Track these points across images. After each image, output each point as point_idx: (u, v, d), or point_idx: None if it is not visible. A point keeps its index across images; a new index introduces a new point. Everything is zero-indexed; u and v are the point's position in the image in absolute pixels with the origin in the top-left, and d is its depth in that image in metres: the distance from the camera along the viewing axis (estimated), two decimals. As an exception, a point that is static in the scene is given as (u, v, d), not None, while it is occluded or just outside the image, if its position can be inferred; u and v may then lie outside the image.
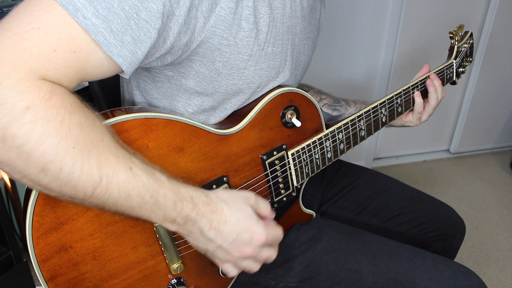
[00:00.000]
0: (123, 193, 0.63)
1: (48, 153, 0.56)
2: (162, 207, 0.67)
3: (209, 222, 0.71)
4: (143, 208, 0.66)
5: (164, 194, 0.67)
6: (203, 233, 0.71)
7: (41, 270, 0.68)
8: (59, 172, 0.57)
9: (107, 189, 0.61)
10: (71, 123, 0.57)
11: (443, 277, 0.94)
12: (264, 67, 0.84)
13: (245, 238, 0.73)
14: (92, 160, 0.59)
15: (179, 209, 0.68)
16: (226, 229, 0.72)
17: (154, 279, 0.80)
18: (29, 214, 0.65)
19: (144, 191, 0.64)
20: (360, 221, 1.19)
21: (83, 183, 0.59)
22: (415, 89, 1.11)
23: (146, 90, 0.84)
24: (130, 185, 0.63)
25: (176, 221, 0.69)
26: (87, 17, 0.58)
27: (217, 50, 0.75)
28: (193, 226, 0.71)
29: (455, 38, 1.22)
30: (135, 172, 0.64)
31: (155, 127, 0.74)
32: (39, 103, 0.55)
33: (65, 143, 0.57)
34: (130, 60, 0.64)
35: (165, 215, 0.68)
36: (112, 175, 0.61)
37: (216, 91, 0.82)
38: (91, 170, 0.59)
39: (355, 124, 1.00)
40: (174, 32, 0.67)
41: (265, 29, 0.80)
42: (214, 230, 0.71)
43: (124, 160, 0.63)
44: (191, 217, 0.69)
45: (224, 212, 0.72)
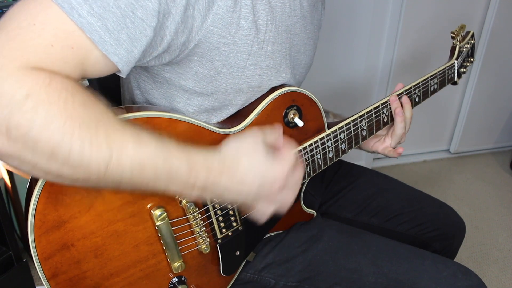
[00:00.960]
0: (135, 164, 0.61)
1: (55, 135, 0.55)
2: (177, 177, 0.66)
3: (230, 178, 0.71)
4: (158, 180, 0.65)
5: (177, 159, 0.66)
6: (227, 188, 0.71)
7: (43, 268, 0.68)
8: (69, 153, 0.56)
9: (119, 163, 0.60)
10: (75, 102, 0.57)
11: (443, 277, 0.94)
12: (264, 66, 0.84)
13: (269, 179, 0.74)
14: (100, 135, 0.58)
15: (194, 174, 0.67)
16: (248, 178, 0.72)
17: (155, 277, 0.80)
18: (31, 212, 0.65)
19: (155, 158, 0.63)
20: (360, 221, 1.19)
21: (95, 162, 0.58)
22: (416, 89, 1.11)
23: (146, 90, 0.84)
24: (142, 154, 0.62)
25: (195, 186, 0.68)
26: (82, 15, 0.58)
27: (216, 49, 0.75)
28: (214, 188, 0.70)
29: (457, 38, 1.21)
30: (144, 140, 0.63)
31: (158, 127, 0.74)
32: (39, 89, 0.54)
33: (70, 122, 0.55)
34: (126, 59, 0.64)
35: (183, 183, 0.67)
36: (122, 148, 0.60)
37: (216, 91, 0.82)
38: (100, 146, 0.58)
39: (356, 124, 1.00)
40: (171, 30, 0.67)
41: (264, 27, 0.80)
42: (237, 183, 0.72)
43: (131, 131, 0.62)
44: (209, 181, 0.69)
45: (241, 164, 0.72)
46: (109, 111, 0.62)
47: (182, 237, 0.81)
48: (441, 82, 1.18)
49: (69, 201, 0.67)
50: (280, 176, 0.75)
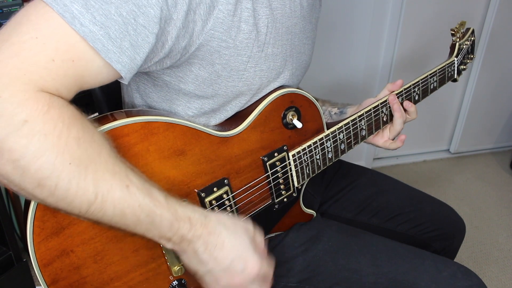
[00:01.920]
0: (118, 211, 0.62)
1: (44, 169, 0.55)
2: (158, 226, 0.66)
3: (204, 244, 0.70)
4: (138, 226, 0.65)
5: (161, 214, 0.66)
6: (197, 254, 0.70)
7: (43, 274, 0.68)
8: (55, 188, 0.57)
9: (102, 207, 0.61)
10: (69, 137, 0.57)
11: (443, 277, 0.94)
12: (264, 68, 0.83)
13: (238, 267, 0.72)
14: (89, 177, 0.59)
15: (175, 229, 0.67)
16: (221, 254, 0.71)
17: (156, 281, 0.80)
18: (29, 219, 0.65)
19: (139, 210, 0.64)
20: (360, 221, 1.19)
21: (78, 200, 0.59)
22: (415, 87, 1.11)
23: (146, 94, 0.84)
24: (126, 204, 0.62)
25: (171, 240, 0.69)
26: (84, 24, 0.58)
27: (216, 52, 0.75)
28: (188, 246, 0.70)
29: (457, 35, 1.21)
30: (132, 191, 0.63)
31: (156, 131, 0.74)
32: (37, 116, 0.55)
33: (61, 158, 0.56)
34: (129, 66, 0.64)
35: (161, 234, 0.68)
36: (108, 193, 0.60)
37: (216, 94, 0.82)
38: (87, 187, 0.59)
39: (356, 124, 1.00)
40: (172, 36, 0.67)
41: (264, 30, 0.80)
42: (208, 253, 0.70)
43: (120, 177, 0.62)
44: (187, 237, 0.69)
45: (222, 236, 0.71)
46: (104, 147, 0.62)
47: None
48: (441, 80, 1.18)
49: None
50: (252, 269, 0.73)
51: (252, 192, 0.89)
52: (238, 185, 0.86)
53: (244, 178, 0.87)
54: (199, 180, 0.80)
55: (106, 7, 0.59)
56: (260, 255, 0.75)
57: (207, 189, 0.82)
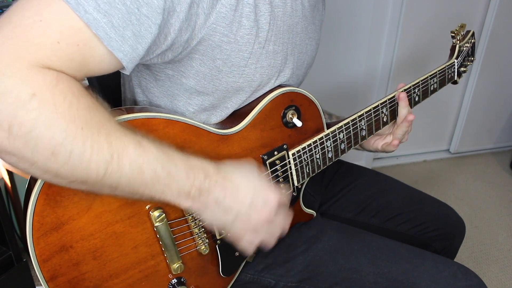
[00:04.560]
0: (135, 167, 0.62)
1: (57, 136, 0.55)
2: (176, 178, 0.67)
3: (223, 190, 0.72)
4: (157, 183, 0.66)
5: (176, 164, 0.67)
6: (219, 202, 0.72)
7: (42, 270, 0.68)
8: (70, 154, 0.57)
9: (119, 166, 0.61)
10: (79, 106, 0.57)
11: (443, 277, 0.94)
12: (265, 65, 0.84)
13: (260, 201, 0.75)
14: (102, 138, 0.59)
15: (192, 179, 0.68)
16: (241, 194, 0.73)
17: (155, 279, 0.80)
18: (29, 214, 0.65)
19: (155, 163, 0.65)
20: (360, 221, 1.19)
21: (95, 163, 0.59)
22: (416, 88, 1.11)
23: (147, 89, 0.84)
24: (141, 159, 0.63)
25: (190, 194, 0.69)
26: (88, 11, 0.58)
27: (218, 47, 0.75)
28: (208, 197, 0.71)
29: (457, 38, 1.21)
30: (144, 146, 0.64)
31: (156, 127, 0.74)
32: (45, 89, 0.55)
33: (74, 124, 0.56)
34: (131, 56, 0.64)
35: (179, 189, 0.68)
36: (122, 151, 0.61)
37: (217, 89, 0.82)
38: (101, 148, 0.59)
39: (356, 124, 1.00)
40: (175, 28, 0.67)
41: (266, 27, 0.80)
42: (229, 198, 0.72)
43: (132, 136, 0.63)
44: (205, 186, 0.70)
45: (236, 178, 0.74)
46: (112, 116, 0.63)
47: (181, 238, 0.81)
48: (441, 81, 1.18)
49: (68, 202, 0.67)
50: (272, 199, 0.76)
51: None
52: (238, 183, 0.86)
53: (244, 176, 0.87)
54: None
55: None
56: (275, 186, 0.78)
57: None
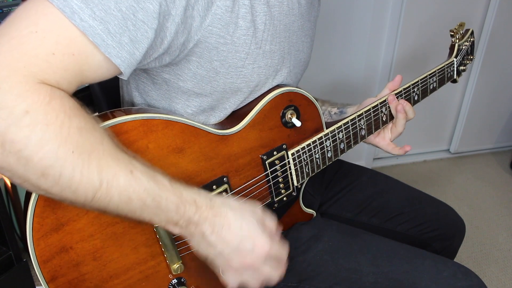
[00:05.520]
0: (124, 196, 0.62)
1: (47, 158, 0.56)
2: (164, 210, 0.66)
3: (211, 226, 0.70)
4: (145, 211, 0.65)
5: (166, 198, 0.66)
6: (205, 237, 0.70)
7: (42, 271, 0.68)
8: (59, 177, 0.57)
9: (107, 193, 0.61)
10: (71, 127, 0.57)
11: (443, 277, 0.94)
12: (262, 65, 0.84)
13: (247, 247, 0.72)
14: (92, 164, 0.59)
15: (181, 212, 0.68)
16: (228, 235, 0.71)
17: (155, 279, 0.80)
18: (29, 215, 0.65)
19: (145, 194, 0.64)
20: (360, 221, 1.19)
21: (83, 188, 0.59)
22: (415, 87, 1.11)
23: (145, 92, 0.85)
24: (131, 189, 0.62)
25: (178, 224, 0.69)
26: (84, 19, 0.58)
27: (215, 49, 0.75)
28: (196, 229, 0.70)
29: (456, 36, 1.21)
30: (136, 176, 0.63)
31: (155, 128, 0.74)
32: (38, 107, 0.55)
33: (64, 147, 0.56)
34: (128, 61, 0.64)
35: (168, 218, 0.68)
36: (113, 179, 0.61)
37: (215, 91, 0.82)
38: (91, 175, 0.59)
39: (355, 123, 1.00)
40: (171, 32, 0.67)
41: (262, 27, 0.80)
42: (216, 235, 0.70)
43: (124, 163, 0.63)
44: (194, 220, 0.69)
45: (228, 217, 0.71)
46: (105, 136, 0.63)
47: (180, 238, 0.81)
48: (440, 80, 1.18)
49: (67, 204, 0.67)
50: (261, 249, 0.73)
51: (251, 191, 0.89)
52: (237, 183, 0.87)
53: (243, 177, 0.87)
54: (198, 178, 0.81)
55: (106, 2, 0.59)
56: (270, 236, 0.74)
57: (206, 187, 0.82)
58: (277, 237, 0.77)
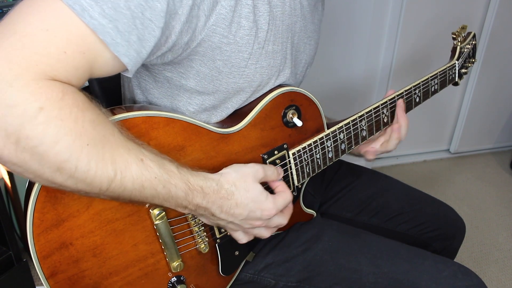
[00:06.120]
0: (137, 185, 0.64)
1: (63, 152, 0.56)
2: (175, 197, 0.69)
3: (220, 207, 0.75)
4: (156, 198, 0.68)
5: (175, 185, 0.69)
6: (215, 215, 0.76)
7: (42, 267, 0.68)
8: (75, 170, 0.58)
9: (121, 183, 0.63)
10: (85, 120, 0.58)
11: (443, 277, 0.94)
12: (264, 65, 0.84)
13: (255, 215, 0.79)
14: (106, 156, 0.60)
15: (190, 198, 0.71)
16: (237, 211, 0.76)
17: (154, 277, 0.80)
18: (30, 210, 0.65)
19: (156, 182, 0.66)
20: (360, 221, 1.19)
21: (98, 179, 0.60)
22: (416, 89, 1.11)
23: (147, 90, 0.84)
24: (143, 177, 0.65)
25: (187, 207, 0.72)
26: (94, 17, 0.58)
27: (218, 48, 0.75)
28: (205, 212, 0.75)
29: (458, 39, 1.21)
30: (147, 164, 0.65)
31: (156, 126, 0.74)
32: (52, 103, 0.55)
33: (79, 141, 0.57)
34: (135, 60, 0.64)
35: (177, 203, 0.71)
36: (125, 169, 0.63)
37: (217, 90, 0.82)
38: (105, 166, 0.60)
39: (356, 124, 1.00)
40: (176, 30, 0.67)
41: (265, 27, 0.80)
42: (225, 213, 0.76)
43: (135, 153, 0.64)
44: (202, 205, 0.73)
45: (235, 197, 0.76)
46: (116, 129, 0.64)
47: (180, 236, 0.81)
48: (442, 82, 1.18)
49: (68, 199, 0.67)
50: (267, 214, 0.80)
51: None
52: (238, 182, 0.86)
53: (244, 175, 0.87)
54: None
55: (115, 0, 0.59)
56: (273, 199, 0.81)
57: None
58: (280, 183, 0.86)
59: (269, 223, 0.82)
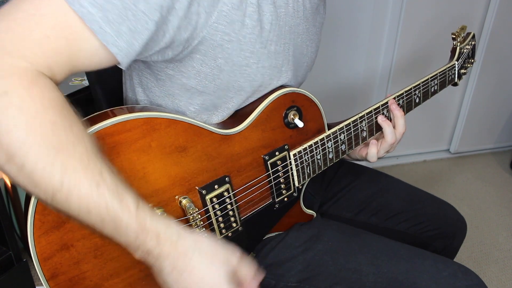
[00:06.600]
0: (83, 207, 0.59)
1: (12, 145, 0.55)
2: (123, 234, 0.63)
3: (171, 266, 0.66)
4: (105, 228, 0.62)
5: (127, 222, 0.62)
6: (162, 274, 0.67)
7: (42, 268, 0.68)
8: (22, 166, 0.56)
9: (67, 198, 0.58)
10: (44, 119, 0.56)
11: (443, 277, 0.94)
12: (266, 65, 0.84)
13: None
14: (57, 164, 0.57)
15: (140, 242, 0.64)
16: (187, 280, 0.67)
17: (155, 279, 0.80)
18: (30, 212, 0.65)
19: (105, 212, 0.61)
20: (360, 221, 1.19)
21: (44, 184, 0.57)
22: (416, 90, 1.11)
23: (148, 88, 0.84)
24: (92, 201, 0.59)
25: (138, 251, 0.65)
26: (83, 5, 0.58)
27: (219, 46, 0.75)
28: (155, 262, 0.66)
29: (458, 39, 1.21)
30: (101, 190, 0.60)
31: (158, 127, 0.74)
32: (16, 90, 0.55)
33: (32, 138, 0.55)
34: (126, 51, 0.64)
35: (127, 242, 0.64)
36: (74, 185, 0.58)
37: (218, 89, 0.82)
38: (53, 173, 0.57)
39: (357, 125, 1.00)
40: (173, 26, 0.67)
41: (268, 27, 0.80)
42: (173, 277, 0.67)
43: (92, 174, 0.60)
44: (153, 253, 0.65)
45: (192, 263, 0.67)
46: (83, 141, 0.60)
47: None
48: (442, 83, 1.18)
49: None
50: None
51: (253, 191, 0.89)
52: (239, 183, 0.87)
53: (245, 177, 0.87)
54: (200, 177, 0.81)
55: None
56: None
57: (208, 187, 0.82)
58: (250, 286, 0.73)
59: None
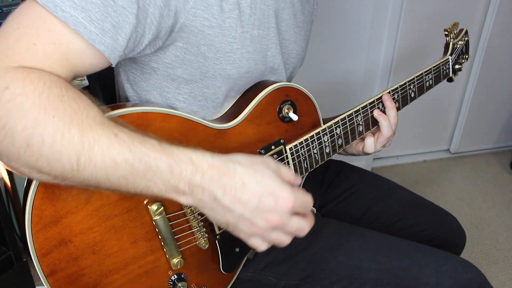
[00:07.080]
0: (108, 160, 0.58)
1: (28, 126, 0.56)
2: (157, 172, 0.61)
3: (222, 186, 0.62)
4: (137, 177, 0.60)
5: (156, 158, 0.60)
6: (218, 200, 0.63)
7: (41, 264, 0.68)
8: (42, 144, 0.56)
9: (90, 157, 0.58)
10: (51, 95, 0.58)
11: (444, 271, 0.94)
12: (250, 50, 0.84)
13: (269, 203, 0.63)
14: (73, 128, 0.57)
15: (177, 174, 0.61)
16: (245, 194, 0.63)
17: (155, 274, 0.80)
18: (28, 207, 0.65)
19: (131, 156, 0.59)
20: (360, 226, 1.18)
21: (66, 153, 0.57)
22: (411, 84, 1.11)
23: (135, 83, 0.85)
24: (115, 150, 0.59)
25: (180, 189, 0.62)
26: (65, 10, 0.60)
27: (201, 32, 0.76)
28: (203, 194, 0.63)
29: (450, 36, 1.23)
30: (120, 137, 0.60)
31: (153, 121, 0.74)
32: (16, 81, 0.57)
33: (44, 114, 0.56)
34: (112, 47, 0.65)
35: (165, 184, 0.61)
36: (94, 141, 0.58)
37: (205, 76, 0.82)
38: (72, 138, 0.57)
39: (352, 119, 1.00)
40: (155, 15, 0.69)
41: (248, 10, 0.81)
42: (230, 196, 0.63)
43: (108, 127, 0.60)
44: (196, 182, 0.62)
45: (239, 174, 0.63)
46: (92, 107, 0.61)
47: (180, 232, 0.81)
48: (436, 77, 1.19)
49: (66, 196, 0.68)
50: (285, 204, 0.64)
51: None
52: (236, 178, 0.87)
53: (242, 171, 0.87)
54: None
55: None
56: (291, 187, 0.66)
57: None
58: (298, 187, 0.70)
59: (287, 224, 0.66)
